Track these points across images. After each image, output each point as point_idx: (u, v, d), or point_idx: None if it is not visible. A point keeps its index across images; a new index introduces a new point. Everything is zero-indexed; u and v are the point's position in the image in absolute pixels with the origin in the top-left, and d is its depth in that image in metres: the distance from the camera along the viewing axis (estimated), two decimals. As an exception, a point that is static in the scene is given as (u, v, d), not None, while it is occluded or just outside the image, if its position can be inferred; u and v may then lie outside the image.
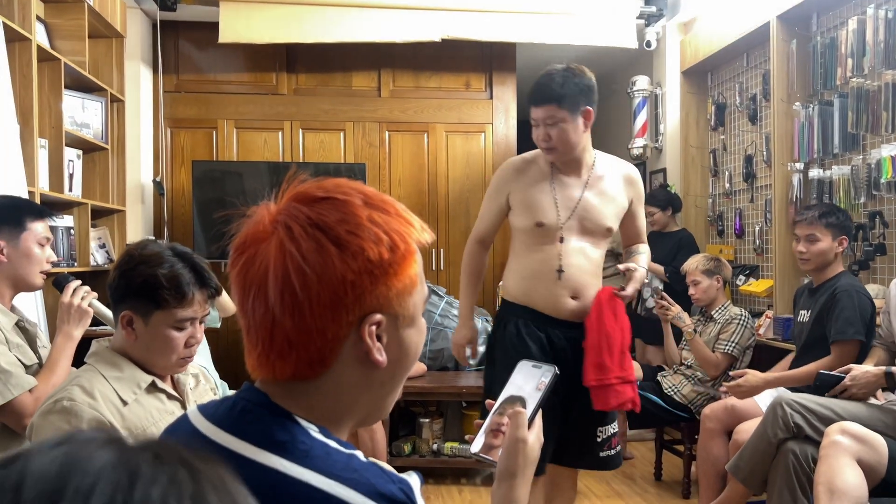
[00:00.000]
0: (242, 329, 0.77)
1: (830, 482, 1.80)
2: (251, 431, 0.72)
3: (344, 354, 0.74)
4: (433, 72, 5.09)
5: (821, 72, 3.40)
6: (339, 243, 0.71)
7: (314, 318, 0.71)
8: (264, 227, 0.74)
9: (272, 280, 0.71)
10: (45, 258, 1.96)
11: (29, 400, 1.74)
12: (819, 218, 2.70)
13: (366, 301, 0.72)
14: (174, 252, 1.50)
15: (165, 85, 4.74)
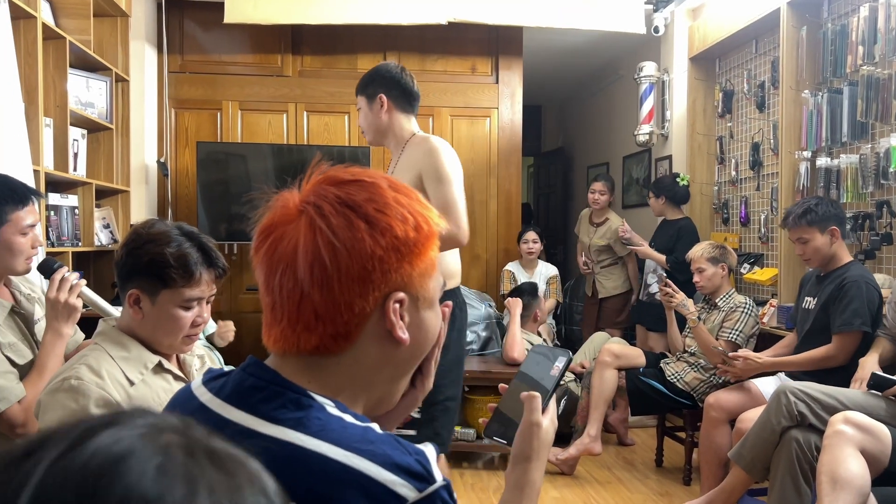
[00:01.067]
0: (265, 307, 0.78)
1: (833, 472, 1.81)
2: (264, 408, 0.73)
3: (367, 331, 0.76)
4: (439, 55, 5.05)
5: (831, 59, 3.37)
6: (368, 220, 0.73)
7: (342, 292, 0.73)
8: (291, 209, 0.75)
9: (302, 255, 0.72)
10: (31, 243, 1.83)
11: (19, 412, 1.69)
12: (800, 219, 2.72)
13: (391, 278, 0.74)
14: (182, 231, 1.49)
15: (170, 65, 4.72)
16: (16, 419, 1.69)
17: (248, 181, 4.55)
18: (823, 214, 2.70)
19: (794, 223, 2.74)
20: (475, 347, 4.04)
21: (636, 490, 3.26)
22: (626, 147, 5.68)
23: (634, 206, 5.65)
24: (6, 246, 1.79)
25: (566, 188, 7.68)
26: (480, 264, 5.11)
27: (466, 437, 3.61)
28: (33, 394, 1.68)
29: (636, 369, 3.46)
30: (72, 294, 1.80)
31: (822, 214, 2.70)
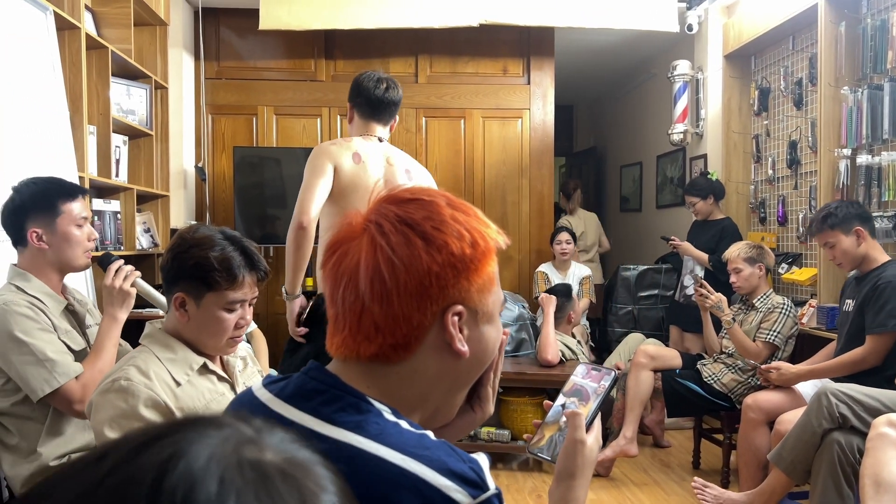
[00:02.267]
0: (329, 318, 0.82)
1: (877, 475, 1.78)
2: (325, 410, 0.76)
3: (427, 343, 0.79)
4: (470, 57, 5.07)
5: (871, 55, 3.30)
6: (425, 238, 0.76)
7: (401, 306, 0.76)
8: (355, 227, 0.80)
9: (363, 270, 0.76)
10: (87, 236, 1.94)
11: (76, 387, 1.77)
12: (822, 224, 2.71)
13: (449, 293, 0.77)
14: (225, 236, 1.53)
15: (207, 72, 4.81)
16: (74, 394, 1.77)
17: (282, 185, 4.62)
18: (844, 216, 2.68)
19: (817, 229, 2.74)
20: (509, 349, 4.05)
21: (672, 492, 3.24)
22: (660, 146, 5.64)
23: (669, 206, 5.60)
24: (64, 237, 1.89)
25: (598, 188, 7.63)
26: (513, 266, 5.12)
27: (501, 438, 3.62)
28: (90, 373, 1.79)
29: (672, 370, 3.44)
30: (126, 282, 1.90)
31: (843, 216, 2.68)
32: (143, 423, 1.39)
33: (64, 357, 1.80)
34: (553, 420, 1.07)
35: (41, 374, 1.75)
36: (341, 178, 2.40)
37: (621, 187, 6.84)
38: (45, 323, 1.83)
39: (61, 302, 1.92)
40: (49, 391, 1.75)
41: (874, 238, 2.74)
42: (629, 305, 4.86)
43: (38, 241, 1.87)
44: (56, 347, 1.80)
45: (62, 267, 1.93)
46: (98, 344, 1.88)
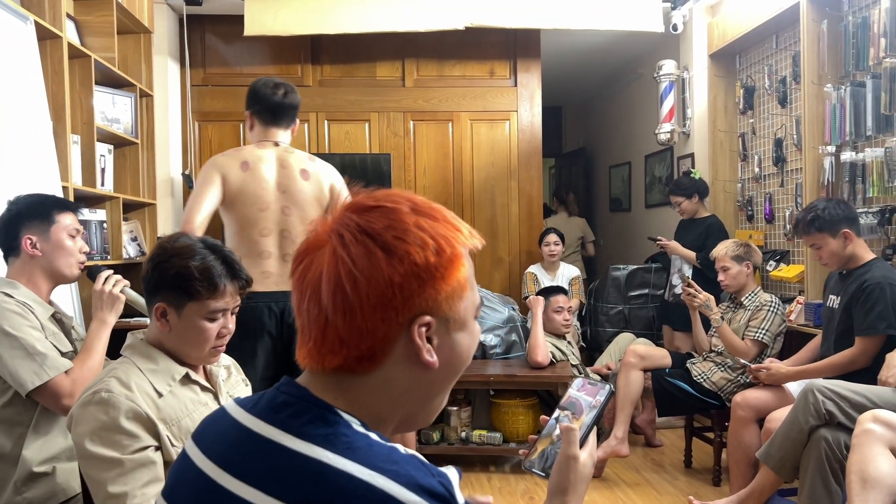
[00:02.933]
0: (297, 328, 0.81)
1: (863, 471, 1.78)
2: (294, 423, 0.75)
3: (395, 354, 0.77)
4: (457, 60, 5.08)
5: (853, 52, 3.32)
6: (386, 248, 0.74)
7: (364, 319, 0.74)
8: (320, 236, 0.78)
9: (325, 283, 0.75)
10: (78, 248, 2.02)
11: (66, 381, 1.80)
12: (809, 226, 2.69)
13: (414, 303, 0.75)
14: (205, 245, 1.53)
15: (193, 79, 4.80)
16: (63, 389, 1.79)
17: (271, 191, 4.60)
18: (831, 218, 2.65)
19: (804, 231, 2.72)
20: (499, 351, 4.05)
21: (665, 491, 3.24)
22: (648, 146, 5.66)
23: (657, 206, 5.62)
24: (58, 244, 1.96)
25: (588, 188, 7.65)
26: (503, 267, 5.12)
27: (493, 440, 3.61)
28: (80, 370, 1.83)
29: (662, 370, 3.44)
30: (115, 287, 1.98)
31: (830, 219, 2.65)
32: (125, 434, 1.38)
33: (53, 352, 1.83)
34: (547, 434, 1.06)
35: (31, 367, 1.78)
36: (230, 187, 2.45)
37: (610, 187, 6.86)
38: (34, 321, 1.86)
39: (48, 309, 1.96)
40: (39, 384, 1.77)
41: (860, 237, 2.74)
42: (619, 305, 4.86)
43: (32, 248, 1.93)
44: (45, 344, 1.83)
45: (53, 274, 1.98)
46: (88, 344, 1.92)
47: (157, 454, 1.42)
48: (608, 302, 4.90)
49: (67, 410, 1.76)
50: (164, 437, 1.42)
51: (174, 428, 1.45)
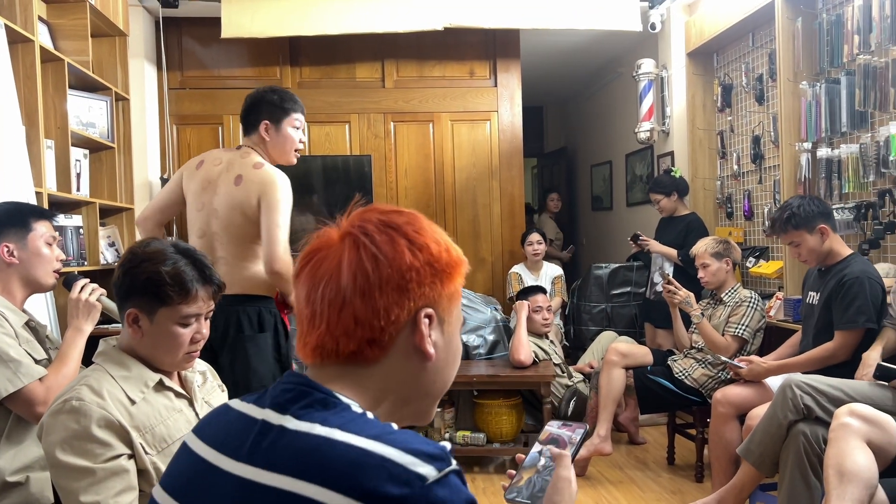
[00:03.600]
0: (302, 320, 0.84)
1: (840, 465, 1.79)
2: (292, 407, 0.78)
3: (399, 343, 0.83)
4: (437, 61, 5.07)
5: (827, 49, 3.35)
6: (407, 238, 0.82)
7: (382, 298, 0.80)
8: (333, 237, 0.84)
9: (346, 267, 0.81)
10: (55, 257, 2.01)
11: (40, 389, 1.78)
12: (785, 224, 2.71)
13: (425, 292, 0.82)
14: (177, 249, 1.51)
15: (170, 82, 4.76)
16: (37, 396, 1.77)
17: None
18: (807, 215, 2.67)
19: (781, 230, 2.73)
20: (482, 351, 4.04)
21: (648, 489, 3.25)
22: (628, 145, 5.68)
23: (639, 204, 5.64)
24: (35, 251, 1.96)
25: (570, 188, 7.67)
26: (486, 268, 5.12)
27: (477, 441, 3.61)
28: (55, 377, 1.81)
29: (644, 367, 3.45)
30: (91, 295, 1.96)
31: (806, 215, 2.67)
32: (97, 443, 1.36)
33: (27, 359, 1.81)
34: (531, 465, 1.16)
35: (4, 374, 1.75)
36: (184, 185, 2.52)
37: (592, 186, 6.88)
38: (8, 329, 1.84)
39: (22, 317, 1.94)
40: (13, 391, 1.75)
41: (836, 232, 2.77)
42: (602, 304, 4.88)
43: (10, 255, 1.92)
44: (19, 351, 1.81)
45: (30, 283, 1.97)
46: (63, 352, 1.90)
47: (130, 462, 1.39)
48: (591, 300, 4.91)
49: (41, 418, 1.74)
50: (137, 444, 1.40)
51: (148, 435, 1.43)
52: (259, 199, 2.36)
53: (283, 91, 2.54)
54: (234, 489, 0.75)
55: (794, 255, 2.84)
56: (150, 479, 1.42)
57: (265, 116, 2.47)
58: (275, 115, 2.48)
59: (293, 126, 2.50)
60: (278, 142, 2.49)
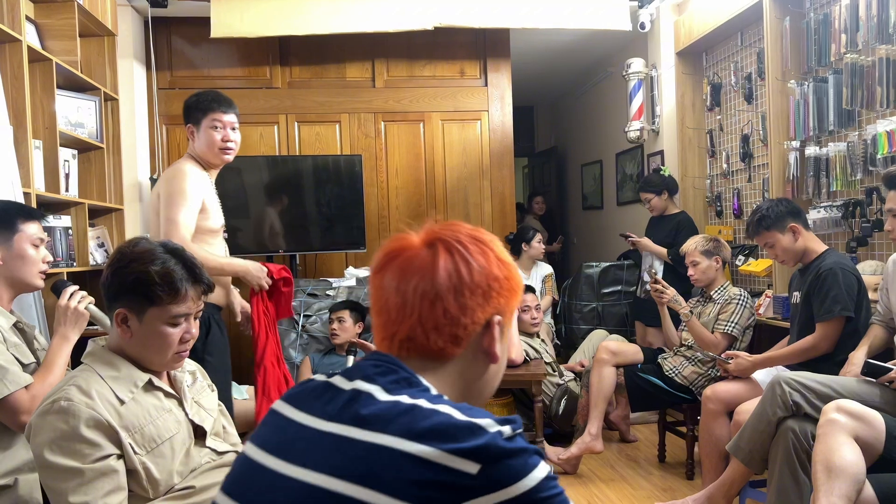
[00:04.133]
0: (387, 310, 0.94)
1: (828, 460, 1.81)
2: (382, 380, 0.89)
3: (472, 344, 0.94)
4: (427, 60, 5.07)
5: (815, 48, 3.37)
6: (494, 252, 0.96)
7: (472, 299, 0.92)
8: (415, 241, 0.94)
9: (442, 268, 0.92)
10: (41, 258, 1.99)
11: (25, 397, 1.76)
12: (758, 226, 2.80)
13: (501, 302, 0.95)
14: (165, 249, 1.51)
15: (159, 82, 4.74)
16: (22, 404, 1.75)
17: (244, 194, 4.56)
18: (777, 216, 2.76)
19: (754, 232, 2.83)
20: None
21: (639, 486, 3.26)
22: (619, 144, 5.70)
23: (629, 203, 5.66)
24: (19, 254, 1.94)
25: (561, 187, 7.69)
26: (477, 267, 5.12)
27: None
28: (40, 385, 1.78)
29: (634, 366, 3.47)
30: (80, 304, 1.94)
31: (776, 216, 2.76)
32: (86, 443, 1.35)
33: (14, 366, 1.79)
34: None
35: None
36: None
37: (583, 186, 6.89)
38: None
39: (10, 318, 1.93)
40: None
41: (809, 230, 2.80)
42: (593, 302, 4.89)
43: None
44: (6, 357, 1.79)
45: (15, 284, 1.95)
46: (49, 359, 1.88)
47: (120, 462, 1.39)
48: (581, 299, 4.92)
49: (24, 427, 1.72)
50: (126, 444, 1.40)
51: (137, 435, 1.43)
52: (160, 195, 2.41)
53: (206, 92, 2.56)
54: (330, 443, 0.83)
55: (772, 257, 2.88)
56: (140, 480, 1.42)
57: (188, 121, 2.54)
58: (193, 117, 2.54)
59: (212, 126, 2.50)
60: (202, 144, 2.52)
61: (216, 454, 1.57)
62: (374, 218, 4.96)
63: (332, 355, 3.56)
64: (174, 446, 1.47)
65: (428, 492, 0.77)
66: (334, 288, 4.04)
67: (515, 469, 0.79)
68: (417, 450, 0.78)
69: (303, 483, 0.82)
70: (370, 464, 0.79)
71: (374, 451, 0.80)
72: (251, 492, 0.87)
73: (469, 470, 0.77)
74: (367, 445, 0.80)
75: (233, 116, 2.56)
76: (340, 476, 0.79)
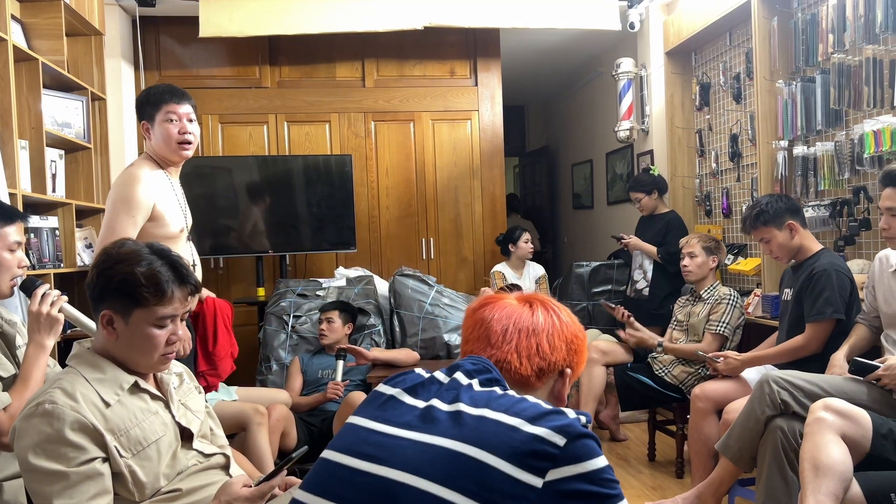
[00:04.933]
0: (484, 336, 1.17)
1: (815, 459, 1.81)
2: (479, 377, 1.11)
3: (548, 384, 1.17)
4: (417, 60, 5.07)
5: (802, 48, 3.39)
6: (572, 319, 1.21)
7: (558, 342, 1.16)
8: (513, 300, 1.20)
9: (541, 314, 1.17)
10: (17, 262, 1.87)
11: (3, 418, 1.69)
12: (755, 221, 2.78)
13: (574, 359, 1.18)
14: (152, 250, 1.49)
15: (148, 81, 4.71)
16: (1, 426, 1.69)
17: (234, 194, 4.54)
18: (775, 212, 2.74)
19: (751, 227, 2.81)
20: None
21: (629, 485, 3.27)
22: (609, 143, 5.71)
23: (619, 202, 5.67)
24: None
25: (552, 186, 7.70)
26: (468, 266, 5.12)
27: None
28: (18, 403, 1.70)
29: (624, 365, 3.47)
30: (53, 307, 1.82)
31: (774, 212, 2.74)
32: (71, 447, 1.34)
33: None
34: None
35: None
36: None
37: (573, 185, 6.91)
38: None
39: None
40: None
41: (806, 228, 2.81)
42: (583, 302, 4.89)
43: None
44: None
45: None
46: (25, 372, 1.78)
47: (105, 466, 1.38)
48: (572, 299, 4.92)
49: (7, 447, 1.65)
50: (111, 447, 1.39)
51: (122, 438, 1.42)
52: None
53: (157, 86, 2.44)
54: (446, 418, 1.03)
55: (766, 252, 2.88)
56: (125, 483, 1.41)
57: (141, 118, 2.42)
58: (146, 112, 2.41)
59: (167, 119, 2.36)
60: (158, 140, 2.38)
61: (203, 456, 1.56)
62: (365, 218, 4.95)
63: (321, 355, 3.55)
64: (160, 449, 1.46)
65: (525, 459, 0.94)
66: (324, 288, 4.03)
67: (590, 448, 0.97)
68: (516, 422, 0.97)
69: (431, 445, 0.99)
70: (482, 432, 0.97)
71: (483, 421, 0.98)
72: (399, 449, 1.03)
73: (557, 441, 0.95)
74: (478, 417, 0.99)
75: (188, 107, 2.41)
76: (460, 439, 0.98)
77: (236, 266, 4.84)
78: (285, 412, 3.08)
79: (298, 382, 3.45)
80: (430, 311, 3.95)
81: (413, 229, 5.04)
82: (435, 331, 3.89)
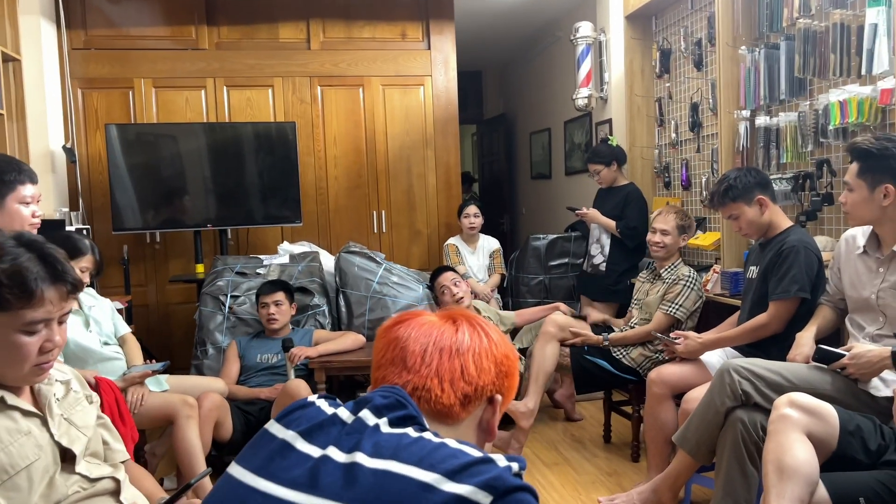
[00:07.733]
0: (401, 359, 0.97)
1: (779, 460, 1.68)
2: (386, 413, 0.91)
3: (475, 413, 0.99)
4: (366, 21, 4.79)
5: (767, 13, 3.23)
6: (502, 339, 1.02)
7: (486, 361, 0.98)
8: (433, 317, 1.02)
9: (466, 331, 0.99)
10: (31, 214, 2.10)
11: None
12: (724, 197, 2.64)
13: (503, 382, 1.00)
14: (19, 242, 1.26)
15: (72, 42, 4.36)
16: None
17: (180, 163, 4.25)
18: (744, 186, 2.60)
19: (720, 203, 2.67)
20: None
21: (584, 471, 3.15)
22: (567, 112, 5.52)
23: (578, 173, 5.51)
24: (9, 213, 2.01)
25: (510, 155, 7.50)
26: (422, 240, 4.93)
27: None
28: None
29: (581, 348, 3.31)
30: None
31: (744, 187, 2.60)
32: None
33: None
34: None
35: None
36: None
37: (531, 154, 6.72)
38: None
39: None
40: None
41: (776, 203, 2.67)
42: (540, 275, 4.74)
43: None
44: None
45: None
46: None
47: (-39, 500, 1.16)
48: (528, 272, 4.77)
49: None
50: (-31, 478, 1.17)
51: (-15, 465, 1.19)
52: None
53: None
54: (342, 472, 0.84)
55: (735, 229, 2.74)
56: (-12, 518, 1.19)
57: None
58: None
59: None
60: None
61: (88, 482, 1.34)
62: (312, 189, 4.70)
63: (261, 339, 3.33)
64: (32, 476, 1.24)
65: None
66: (265, 266, 3.79)
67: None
68: (431, 479, 0.80)
69: None
70: (380, 492, 0.80)
71: (386, 477, 0.81)
72: None
73: (482, 501, 0.79)
74: (380, 472, 0.82)
75: None
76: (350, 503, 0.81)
77: (174, 240, 4.56)
78: (219, 401, 2.87)
79: (235, 368, 3.24)
80: (377, 290, 3.74)
81: (363, 201, 4.81)
82: (383, 311, 3.69)
